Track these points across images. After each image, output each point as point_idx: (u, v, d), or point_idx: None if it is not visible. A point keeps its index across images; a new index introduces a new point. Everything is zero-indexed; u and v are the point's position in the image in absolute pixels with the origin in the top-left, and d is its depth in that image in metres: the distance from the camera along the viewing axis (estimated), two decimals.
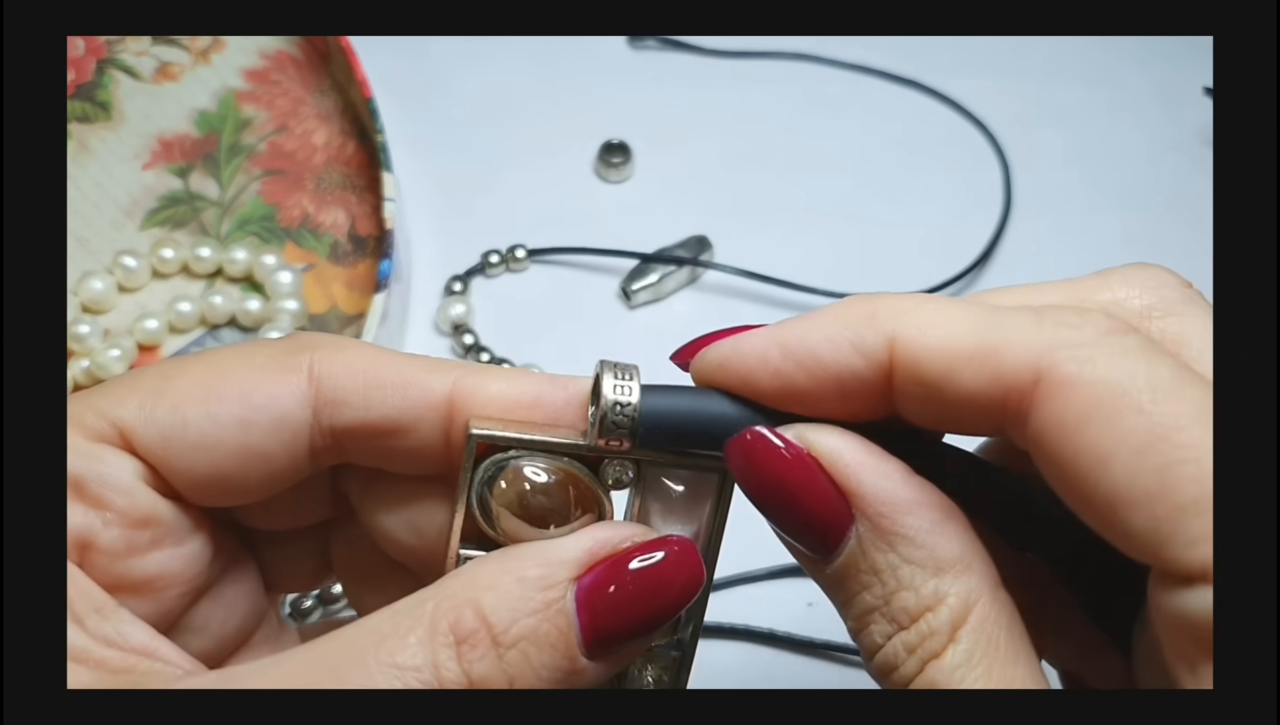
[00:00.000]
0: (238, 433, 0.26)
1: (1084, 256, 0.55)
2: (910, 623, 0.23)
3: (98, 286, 0.49)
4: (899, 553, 0.23)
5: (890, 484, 0.24)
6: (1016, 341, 0.23)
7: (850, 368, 0.24)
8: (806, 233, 0.54)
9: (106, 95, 0.55)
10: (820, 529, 0.24)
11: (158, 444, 0.25)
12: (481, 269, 0.52)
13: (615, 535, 0.25)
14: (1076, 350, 0.23)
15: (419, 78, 0.58)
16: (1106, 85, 0.60)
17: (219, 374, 0.26)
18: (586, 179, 0.56)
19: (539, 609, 0.24)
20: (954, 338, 0.23)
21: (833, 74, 0.60)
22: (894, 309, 0.24)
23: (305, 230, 0.52)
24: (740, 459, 0.25)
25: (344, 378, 0.26)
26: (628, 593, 0.24)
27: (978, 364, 0.23)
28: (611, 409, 0.25)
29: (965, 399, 0.23)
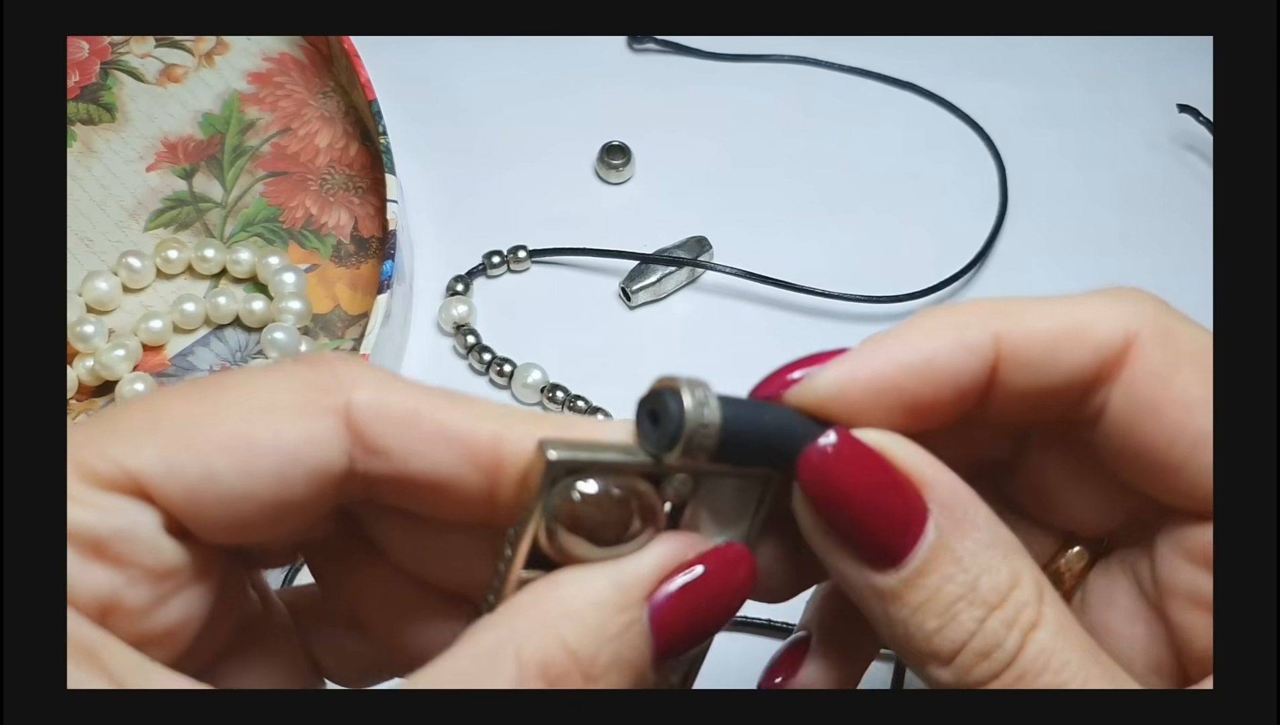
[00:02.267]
0: (273, 487, 0.23)
1: (1080, 257, 0.55)
2: (1001, 600, 0.24)
3: (103, 287, 0.50)
4: (975, 538, 0.25)
5: (954, 478, 0.25)
6: (1104, 316, 0.26)
7: (966, 368, 0.25)
8: (806, 233, 0.55)
9: (111, 97, 0.56)
10: (902, 526, 0.24)
11: (183, 499, 0.23)
12: (483, 270, 0.52)
13: (679, 549, 0.25)
14: (1157, 317, 0.26)
15: (421, 79, 0.58)
16: (1103, 86, 0.60)
17: (249, 417, 0.23)
18: (587, 180, 0.56)
19: (619, 633, 0.23)
20: (1053, 322, 0.26)
21: (831, 76, 0.60)
22: (988, 309, 0.26)
23: (309, 231, 0.53)
24: (820, 468, 0.25)
25: (382, 425, 0.24)
26: (696, 605, 0.24)
27: (1075, 340, 0.26)
28: (696, 431, 0.24)
29: (1068, 374, 0.26)
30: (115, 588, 0.23)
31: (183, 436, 0.23)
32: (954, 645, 0.24)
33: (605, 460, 0.25)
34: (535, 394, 0.49)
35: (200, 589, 0.25)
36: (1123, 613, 0.28)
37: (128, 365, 0.48)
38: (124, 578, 0.23)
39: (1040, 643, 0.24)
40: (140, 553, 0.23)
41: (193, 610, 0.25)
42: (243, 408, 0.24)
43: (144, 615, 0.23)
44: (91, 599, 0.22)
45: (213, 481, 0.23)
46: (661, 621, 0.24)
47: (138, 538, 0.23)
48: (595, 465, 0.24)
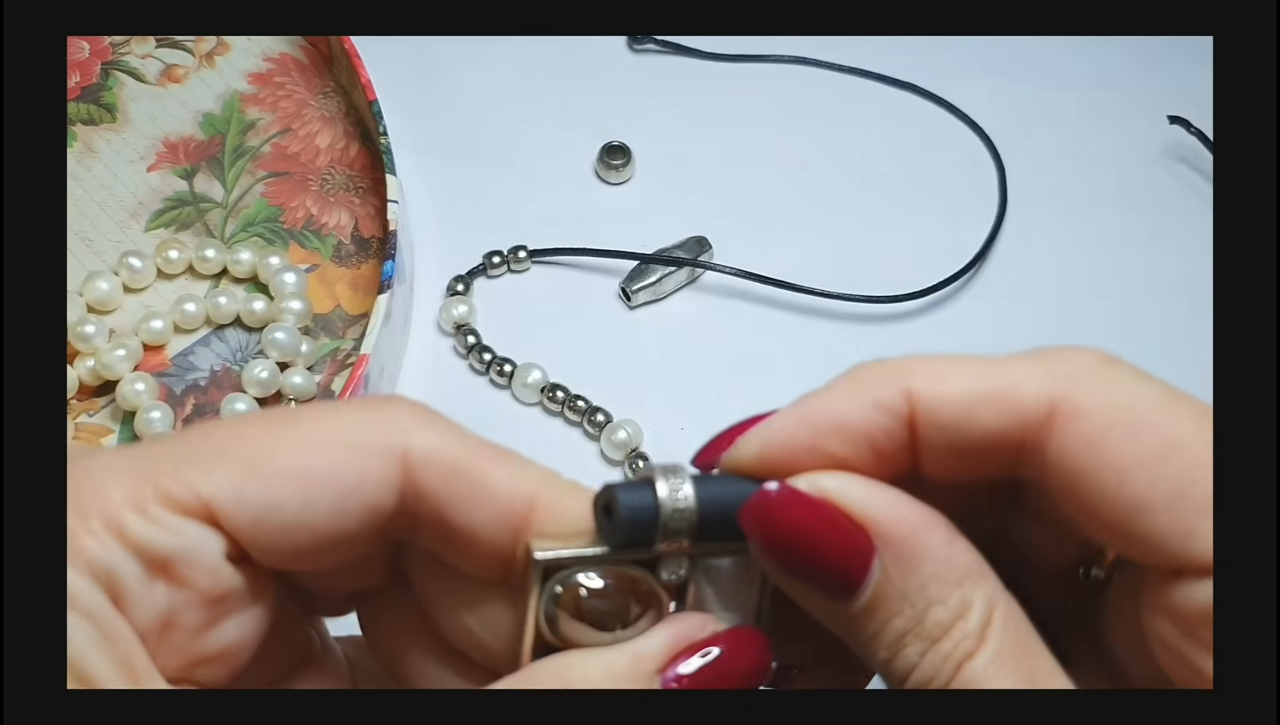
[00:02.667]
0: (330, 518, 0.25)
1: (1080, 258, 0.55)
2: (943, 634, 0.24)
3: (103, 287, 0.50)
4: (923, 571, 0.24)
5: (902, 508, 0.25)
6: (1028, 378, 0.25)
7: (880, 426, 0.25)
8: (806, 233, 0.55)
9: (111, 97, 0.56)
10: (846, 564, 0.25)
11: (248, 525, 0.24)
12: (483, 270, 0.52)
13: (689, 627, 0.26)
14: (1083, 380, 0.25)
15: (421, 80, 0.58)
16: (1103, 87, 0.60)
17: (313, 451, 0.25)
18: (587, 180, 0.56)
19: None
20: (969, 383, 0.25)
21: (831, 76, 0.60)
22: (903, 366, 0.26)
23: (309, 231, 0.53)
24: (757, 519, 0.25)
25: (430, 470, 0.25)
26: (705, 682, 0.25)
27: (994, 403, 0.25)
28: (671, 517, 0.25)
29: (985, 437, 0.25)
30: (174, 606, 0.24)
31: (252, 466, 0.24)
32: (902, 675, 0.25)
33: (594, 555, 0.26)
34: (535, 394, 0.49)
35: (253, 616, 0.26)
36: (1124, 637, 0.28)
37: (128, 365, 0.48)
38: (182, 598, 0.24)
39: (971, 672, 0.24)
40: (200, 576, 0.24)
41: (244, 636, 0.25)
42: (309, 442, 0.25)
43: (196, 636, 0.24)
44: (152, 615, 0.24)
45: (276, 509, 0.24)
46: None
47: (200, 561, 0.24)
48: (583, 560, 0.26)
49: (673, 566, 0.26)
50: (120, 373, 0.48)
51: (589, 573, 0.26)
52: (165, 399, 0.48)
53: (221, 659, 0.25)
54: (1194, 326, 0.52)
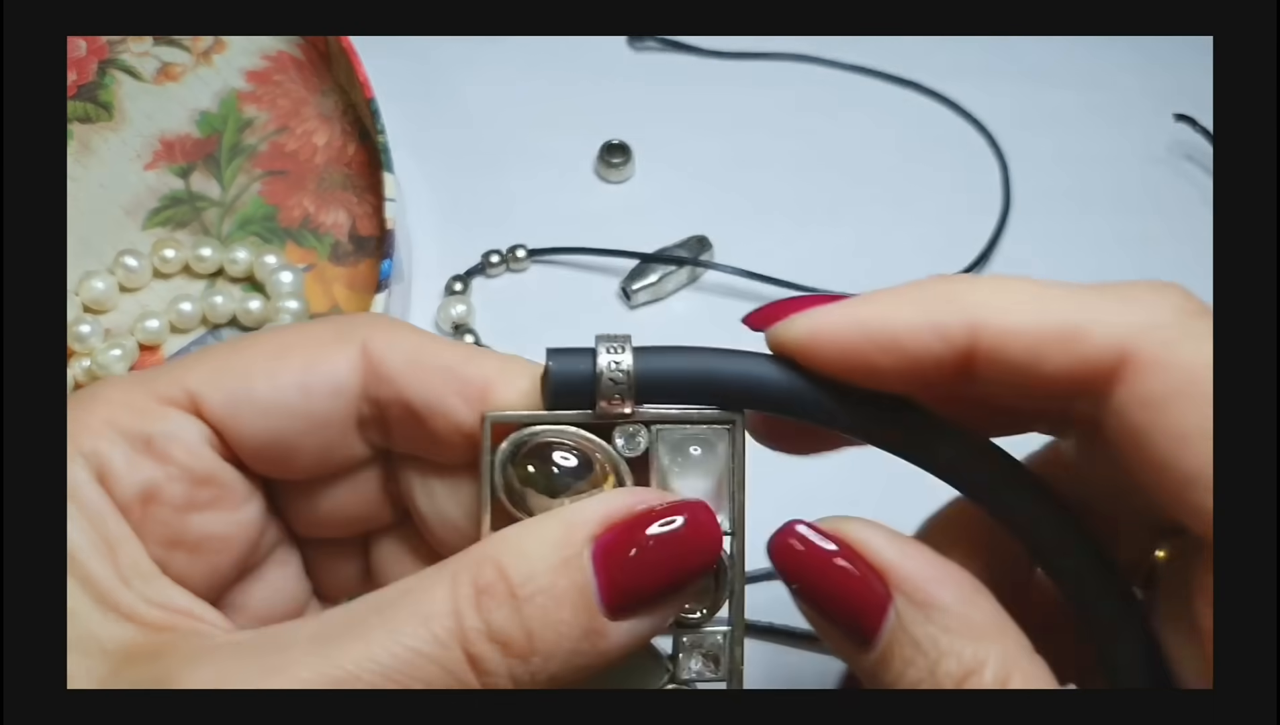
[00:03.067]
0: (298, 398, 0.27)
1: (1083, 257, 0.55)
2: (956, 685, 0.24)
3: (99, 286, 0.49)
4: (937, 624, 0.25)
5: (921, 560, 0.25)
6: (1102, 322, 0.24)
7: (931, 353, 0.25)
8: (806, 233, 0.55)
9: (108, 96, 0.55)
10: (861, 612, 0.25)
11: (225, 408, 0.27)
12: (482, 269, 0.52)
13: (631, 498, 0.25)
14: (1161, 331, 0.24)
15: (420, 78, 0.58)
16: (1106, 86, 0.60)
17: (283, 347, 0.28)
18: (586, 179, 0.56)
19: (556, 566, 0.24)
20: (1041, 321, 0.24)
21: (832, 75, 0.60)
22: (977, 292, 0.25)
23: (306, 230, 0.53)
24: (783, 557, 0.26)
25: (391, 354, 0.27)
26: (644, 552, 0.25)
27: (1064, 346, 0.24)
28: (607, 368, 0.26)
29: (1049, 380, 0.24)
30: (156, 479, 0.27)
31: (227, 361, 0.27)
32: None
33: (541, 414, 0.27)
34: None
35: (238, 516, 0.28)
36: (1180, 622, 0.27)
37: (124, 365, 0.48)
38: (164, 472, 0.27)
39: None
40: (180, 453, 0.27)
41: (226, 530, 0.28)
42: (279, 341, 0.28)
43: (179, 514, 0.27)
44: (134, 485, 0.26)
45: (249, 392, 0.27)
46: (603, 562, 0.24)
47: (182, 440, 0.27)
48: (532, 418, 0.27)
49: (629, 436, 0.27)
50: (116, 373, 0.47)
51: (534, 438, 0.26)
52: None
53: (201, 547, 0.27)
54: None
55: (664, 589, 0.25)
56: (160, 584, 0.26)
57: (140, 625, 0.25)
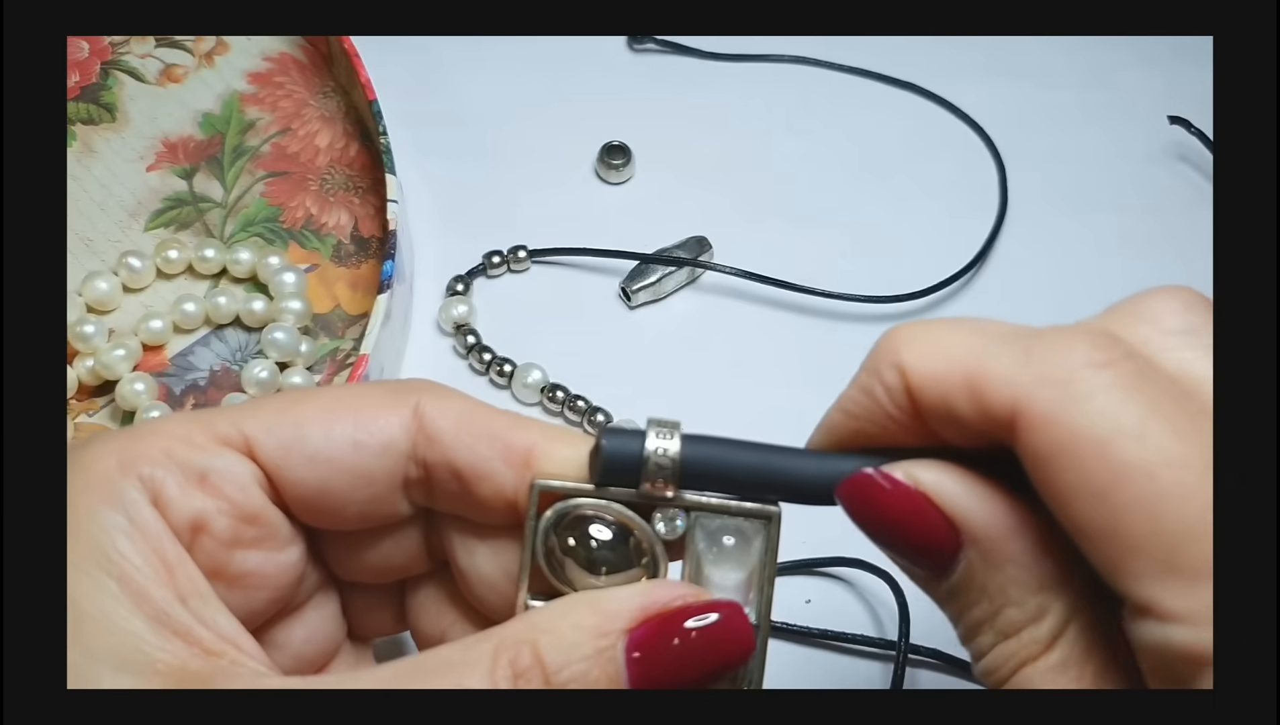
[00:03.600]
0: (349, 452, 0.28)
1: (1080, 258, 0.55)
2: (1015, 632, 0.25)
3: (103, 287, 0.49)
4: (1005, 574, 0.25)
5: (994, 511, 0.25)
6: (998, 374, 0.24)
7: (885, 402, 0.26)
8: (806, 233, 0.55)
9: (111, 97, 0.56)
10: (933, 556, 0.26)
11: (278, 454, 0.28)
12: (483, 269, 0.52)
13: (668, 593, 0.26)
14: (1049, 389, 0.24)
15: (421, 80, 0.58)
16: (1103, 86, 0.60)
17: (339, 402, 0.29)
18: (587, 179, 0.56)
19: (590, 655, 0.25)
20: (945, 367, 0.25)
21: (831, 76, 0.60)
22: (900, 339, 0.26)
23: (309, 231, 0.53)
24: (852, 499, 0.26)
25: (441, 419, 0.29)
26: (675, 650, 0.26)
27: (966, 394, 0.25)
28: (654, 453, 0.27)
29: (966, 423, 0.25)
30: (206, 511, 0.28)
31: (284, 410, 0.29)
32: (975, 654, 0.26)
33: (587, 487, 0.28)
34: (535, 394, 0.49)
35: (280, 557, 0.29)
36: None
37: (128, 365, 0.48)
38: (214, 505, 0.28)
39: (1027, 676, 0.25)
40: (232, 490, 0.28)
41: (267, 569, 0.29)
42: (336, 396, 0.29)
43: (224, 548, 0.28)
44: (186, 515, 0.27)
45: (302, 441, 0.28)
46: (636, 656, 0.25)
47: (234, 478, 0.28)
48: (578, 492, 0.28)
49: (668, 519, 0.28)
50: (120, 373, 0.48)
51: (596, 521, 0.28)
52: (165, 399, 0.48)
53: (242, 582, 0.28)
54: None
55: (691, 684, 0.26)
56: (215, 607, 0.27)
57: (193, 646, 0.25)
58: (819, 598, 0.45)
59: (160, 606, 0.25)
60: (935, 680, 0.42)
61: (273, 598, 0.29)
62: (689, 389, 0.50)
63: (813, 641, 0.43)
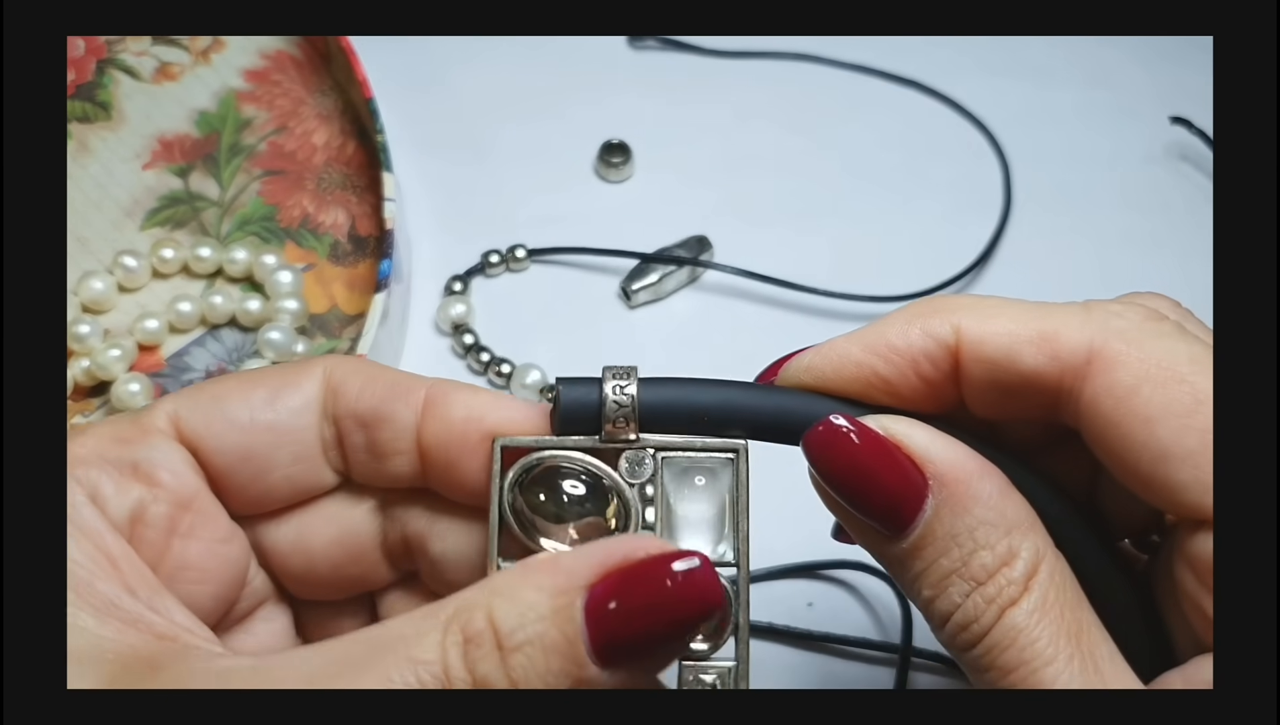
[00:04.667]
0: (266, 411, 0.30)
1: (1085, 256, 0.55)
2: (988, 577, 0.26)
3: (98, 286, 0.49)
4: (974, 514, 0.26)
5: (960, 455, 0.26)
6: (1071, 326, 0.27)
7: (924, 351, 0.27)
8: (806, 233, 0.55)
9: (107, 95, 0.55)
10: (899, 502, 0.26)
11: (201, 426, 0.29)
12: (481, 269, 0.52)
13: (629, 546, 0.25)
14: (1124, 332, 0.26)
15: (419, 78, 0.58)
16: (1106, 85, 0.60)
17: (256, 375, 0.30)
18: (586, 179, 0.56)
19: (546, 615, 0.24)
20: (1015, 324, 0.27)
21: (833, 74, 0.60)
22: (957, 303, 0.28)
23: (305, 230, 0.52)
24: (819, 447, 0.27)
25: (349, 378, 0.30)
26: (637, 605, 0.24)
27: (1037, 346, 0.27)
28: (612, 392, 0.27)
29: (1025, 377, 0.27)
30: (143, 500, 0.28)
31: (205, 388, 0.30)
32: (944, 615, 0.26)
33: (550, 440, 0.28)
34: (534, 394, 0.49)
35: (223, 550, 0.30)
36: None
37: (123, 365, 0.47)
38: (150, 494, 0.28)
39: (1012, 619, 0.25)
40: (165, 476, 0.29)
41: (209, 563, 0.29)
42: (250, 374, 0.31)
43: (163, 535, 0.29)
44: (124, 508, 0.28)
45: (220, 409, 0.29)
46: (594, 612, 0.24)
47: (164, 462, 0.29)
48: (541, 444, 0.28)
49: (635, 462, 0.28)
50: (115, 373, 0.47)
51: (543, 465, 0.28)
52: None
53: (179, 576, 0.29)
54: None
55: (655, 640, 0.24)
56: (165, 598, 0.27)
57: (143, 633, 0.25)
58: (821, 601, 0.44)
59: (106, 598, 0.26)
60: (938, 684, 0.42)
61: (217, 593, 0.30)
62: None
63: (815, 645, 0.43)
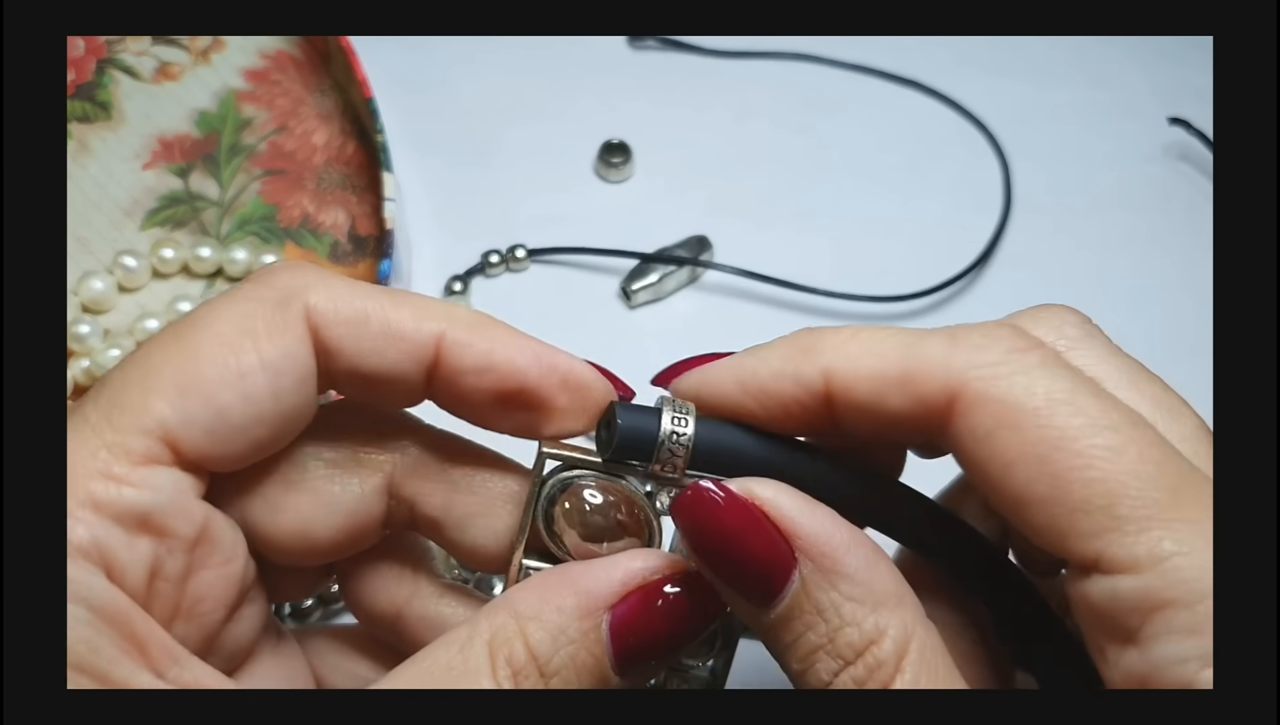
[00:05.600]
0: (272, 405, 0.26)
1: (1084, 255, 0.55)
2: (856, 657, 0.25)
3: (98, 286, 0.49)
4: (840, 590, 0.25)
5: (829, 526, 0.26)
6: (932, 365, 0.26)
7: (794, 398, 0.27)
8: (806, 233, 0.55)
9: (107, 95, 0.55)
10: (767, 572, 0.25)
11: (205, 442, 0.26)
12: (481, 269, 0.52)
13: (648, 566, 0.27)
14: (983, 370, 0.26)
15: (419, 78, 0.58)
16: (1106, 85, 0.60)
17: (232, 349, 0.26)
18: (586, 179, 0.56)
19: (577, 638, 0.26)
20: (879, 366, 0.27)
21: (833, 74, 0.60)
22: (828, 342, 0.27)
23: (305, 230, 0.52)
24: (689, 512, 0.26)
25: (337, 327, 0.27)
26: (654, 621, 0.26)
27: (900, 388, 0.26)
28: (669, 437, 0.27)
29: (894, 418, 0.27)
30: (158, 556, 0.26)
31: (184, 385, 0.26)
32: (816, 688, 0.25)
33: (592, 461, 0.28)
34: None
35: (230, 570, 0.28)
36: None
37: None
38: (165, 547, 0.26)
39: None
40: (178, 522, 0.26)
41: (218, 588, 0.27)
42: (224, 340, 0.26)
43: (180, 583, 0.26)
44: (140, 570, 0.25)
45: (224, 417, 0.26)
46: (619, 632, 0.26)
47: (172, 506, 0.26)
48: (586, 463, 0.28)
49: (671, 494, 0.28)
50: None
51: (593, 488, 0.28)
52: None
53: (196, 612, 0.27)
54: (1196, 325, 0.52)
55: (669, 649, 0.27)
56: (192, 666, 0.26)
57: None
58: None
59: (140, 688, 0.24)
60: None
61: (227, 612, 0.28)
62: None
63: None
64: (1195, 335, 0.51)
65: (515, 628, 0.26)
